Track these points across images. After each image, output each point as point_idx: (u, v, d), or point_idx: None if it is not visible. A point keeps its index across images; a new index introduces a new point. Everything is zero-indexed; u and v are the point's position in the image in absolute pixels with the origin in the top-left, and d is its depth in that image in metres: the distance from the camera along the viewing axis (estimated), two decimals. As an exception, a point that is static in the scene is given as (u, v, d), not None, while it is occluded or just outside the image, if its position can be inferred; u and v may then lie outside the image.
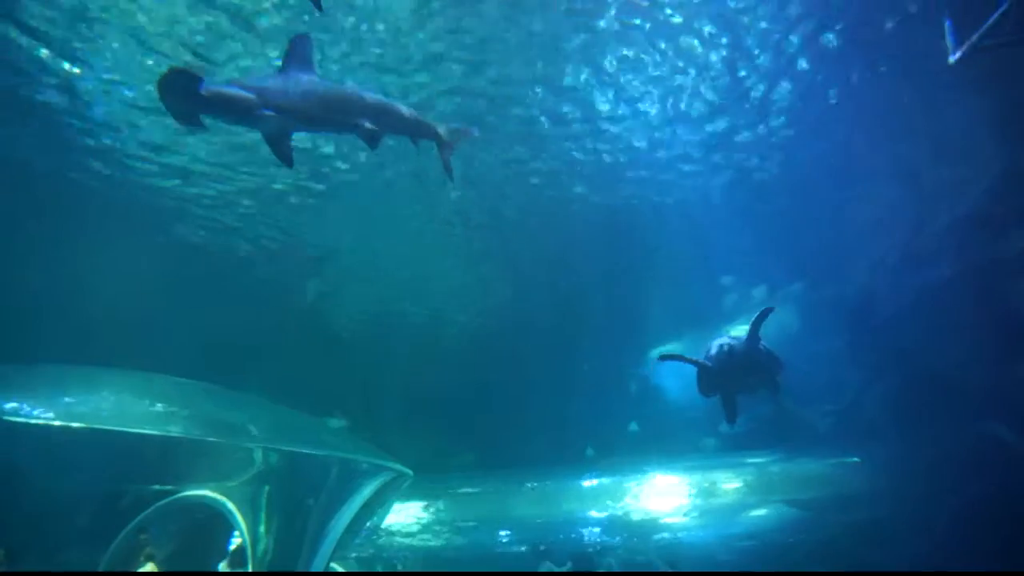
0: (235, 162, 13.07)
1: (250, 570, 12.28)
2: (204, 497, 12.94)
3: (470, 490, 17.79)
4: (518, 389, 19.01)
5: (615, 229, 15.26)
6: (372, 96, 6.86)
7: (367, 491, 14.20)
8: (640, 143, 13.02)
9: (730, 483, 16.37)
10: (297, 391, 15.89)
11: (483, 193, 14.27)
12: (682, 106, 12.24)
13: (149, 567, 12.09)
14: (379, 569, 15.77)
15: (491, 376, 19.12)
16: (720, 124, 12.76)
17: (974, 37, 7.86)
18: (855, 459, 16.34)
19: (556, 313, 17.90)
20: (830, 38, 11.06)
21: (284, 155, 6.34)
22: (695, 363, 8.04)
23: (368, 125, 6.44)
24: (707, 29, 10.78)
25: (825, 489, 15.61)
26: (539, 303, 17.78)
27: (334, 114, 6.38)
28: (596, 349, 18.78)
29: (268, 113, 5.85)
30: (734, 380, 8.22)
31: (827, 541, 14.48)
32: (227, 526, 12.96)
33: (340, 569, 14.98)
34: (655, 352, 19.49)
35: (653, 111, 12.33)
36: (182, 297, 15.34)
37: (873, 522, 14.55)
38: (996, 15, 7.47)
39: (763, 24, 10.74)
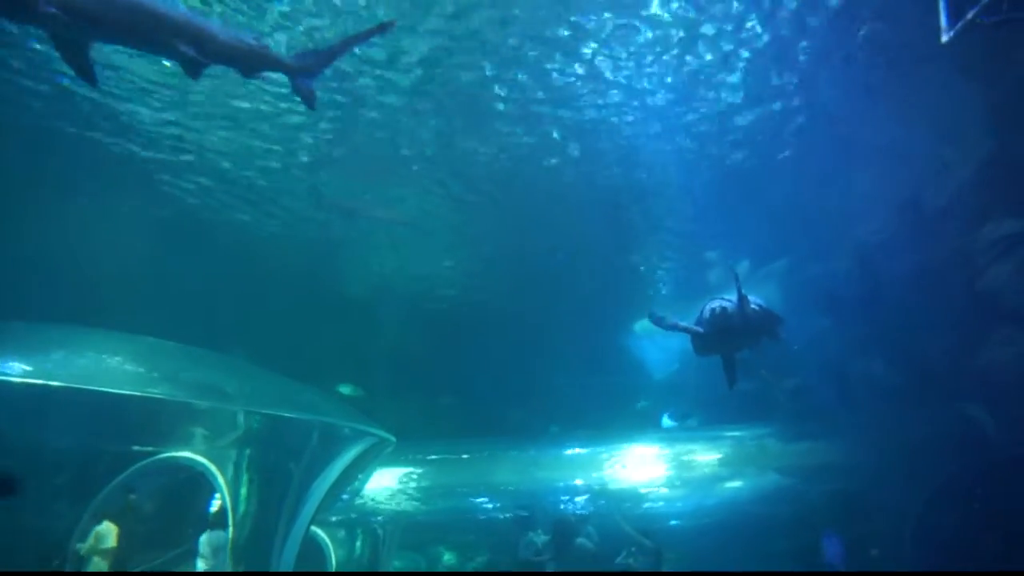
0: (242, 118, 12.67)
1: (231, 531, 12.33)
2: (185, 458, 12.96)
3: (452, 456, 17.89)
4: (501, 360, 19.09)
5: (604, 203, 15.23)
6: (195, 18, 6.02)
7: (349, 456, 14.28)
8: (633, 114, 12.95)
9: (707, 455, 16.60)
10: (287, 357, 15.82)
11: (469, 165, 14.13)
12: (672, 80, 12.14)
13: (105, 525, 12.10)
14: (359, 532, 15.88)
15: (475, 347, 19.16)
16: (714, 100, 12.70)
17: (969, 15, 7.62)
18: (827, 436, 16.59)
19: (541, 285, 17.90)
20: (818, 15, 10.93)
21: (81, 68, 5.55)
22: (687, 330, 7.99)
23: (186, 49, 5.58)
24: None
25: (802, 461, 15.88)
26: (524, 276, 17.76)
27: (139, 26, 5.42)
28: (579, 321, 18.83)
29: (52, 11, 4.86)
30: (731, 341, 8.17)
31: (805, 513, 14.75)
32: (208, 487, 12.99)
33: (321, 533, 15.08)
34: (640, 323, 19.63)
35: (648, 85, 12.24)
36: (173, 261, 15.15)
37: (847, 495, 14.83)
38: (992, -8, 7.37)
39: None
